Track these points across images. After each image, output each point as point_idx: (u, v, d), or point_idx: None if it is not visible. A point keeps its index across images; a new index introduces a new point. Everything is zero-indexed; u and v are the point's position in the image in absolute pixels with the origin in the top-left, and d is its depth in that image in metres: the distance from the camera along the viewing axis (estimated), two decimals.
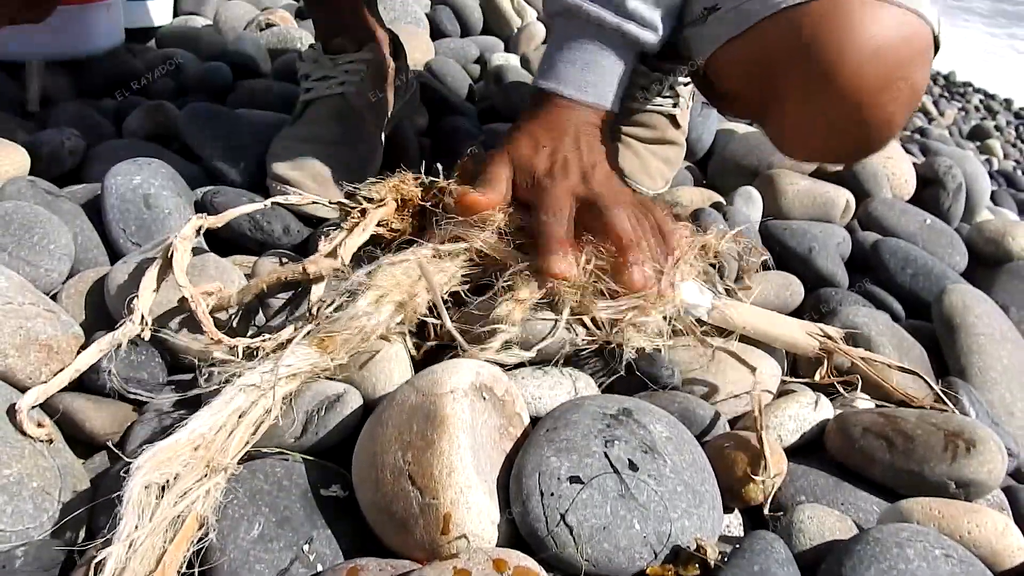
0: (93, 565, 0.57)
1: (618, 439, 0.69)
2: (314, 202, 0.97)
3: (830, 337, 0.85)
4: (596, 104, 0.93)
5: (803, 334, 0.85)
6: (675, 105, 1.24)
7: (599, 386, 0.85)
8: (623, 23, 0.90)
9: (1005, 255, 1.23)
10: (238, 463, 0.69)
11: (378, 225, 0.91)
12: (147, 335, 0.81)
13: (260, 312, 0.91)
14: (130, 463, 0.62)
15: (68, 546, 0.67)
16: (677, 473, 0.69)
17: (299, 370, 0.75)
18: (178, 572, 0.60)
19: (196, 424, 0.67)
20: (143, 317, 0.80)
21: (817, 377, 0.85)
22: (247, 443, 0.70)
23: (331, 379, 0.78)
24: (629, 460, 0.68)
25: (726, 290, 0.93)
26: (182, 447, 0.65)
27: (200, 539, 0.62)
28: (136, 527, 0.59)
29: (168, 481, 0.62)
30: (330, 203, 0.96)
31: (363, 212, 0.91)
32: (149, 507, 0.60)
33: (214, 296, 0.84)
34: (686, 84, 1.25)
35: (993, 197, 2.55)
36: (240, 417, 0.70)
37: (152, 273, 0.83)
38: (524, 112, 0.96)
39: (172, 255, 0.83)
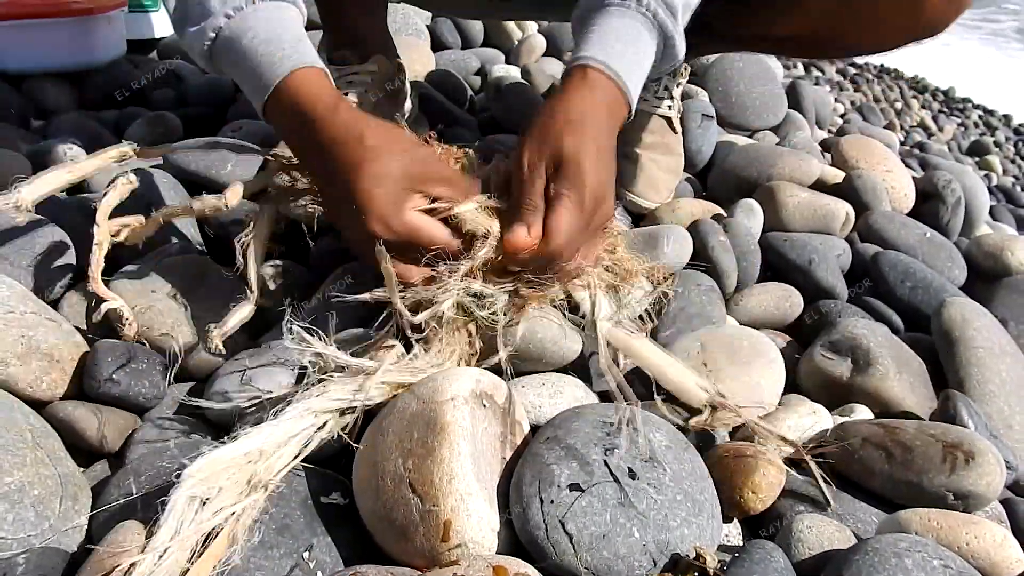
0: (120, 572, 0.57)
1: (618, 447, 0.70)
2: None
3: (721, 395, 0.82)
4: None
5: (695, 385, 0.83)
6: (670, 108, 1.26)
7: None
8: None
9: (1004, 269, 1.23)
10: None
11: None
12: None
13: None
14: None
15: (69, 554, 0.67)
16: (677, 482, 0.69)
17: (371, 400, 0.74)
18: None
19: (258, 439, 0.66)
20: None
21: (692, 421, 0.82)
22: (291, 463, 0.69)
23: None
24: (629, 468, 0.68)
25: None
26: (236, 460, 0.64)
27: (227, 560, 0.61)
28: (172, 537, 0.59)
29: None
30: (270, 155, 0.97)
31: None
32: (188, 519, 0.60)
33: (128, 227, 0.88)
34: (678, 86, 1.26)
35: (992, 212, 2.56)
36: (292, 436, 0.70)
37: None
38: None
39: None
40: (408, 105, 1.31)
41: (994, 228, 1.95)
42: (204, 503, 0.61)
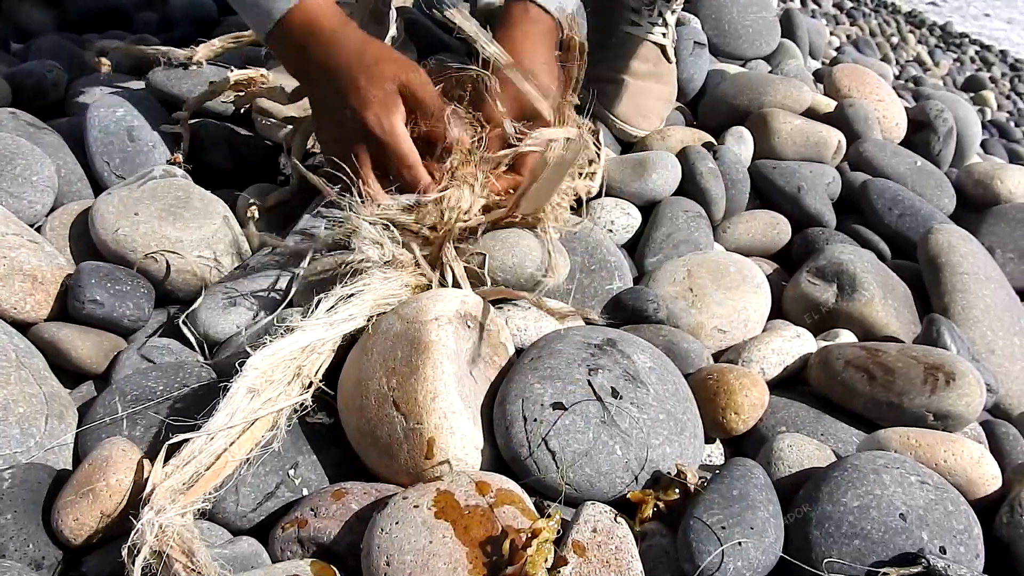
0: (166, 447, 0.60)
1: (602, 368, 0.70)
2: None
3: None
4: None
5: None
6: (664, 35, 1.23)
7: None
8: None
9: (993, 198, 1.22)
10: None
11: None
12: None
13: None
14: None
15: (56, 470, 0.67)
16: (660, 402, 0.70)
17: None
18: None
19: (314, 333, 0.69)
20: None
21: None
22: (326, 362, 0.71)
23: None
24: (612, 388, 0.69)
25: None
26: (293, 353, 0.67)
27: (267, 443, 0.64)
28: (225, 423, 0.61)
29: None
30: None
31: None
32: (243, 408, 0.62)
33: None
34: (672, 12, 1.24)
35: (985, 146, 2.54)
36: None
37: None
38: None
39: None
40: (393, 30, 1.29)
41: (985, 160, 1.94)
42: (256, 394, 0.64)
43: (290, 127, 1.02)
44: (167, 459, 0.59)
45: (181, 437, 0.60)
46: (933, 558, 0.59)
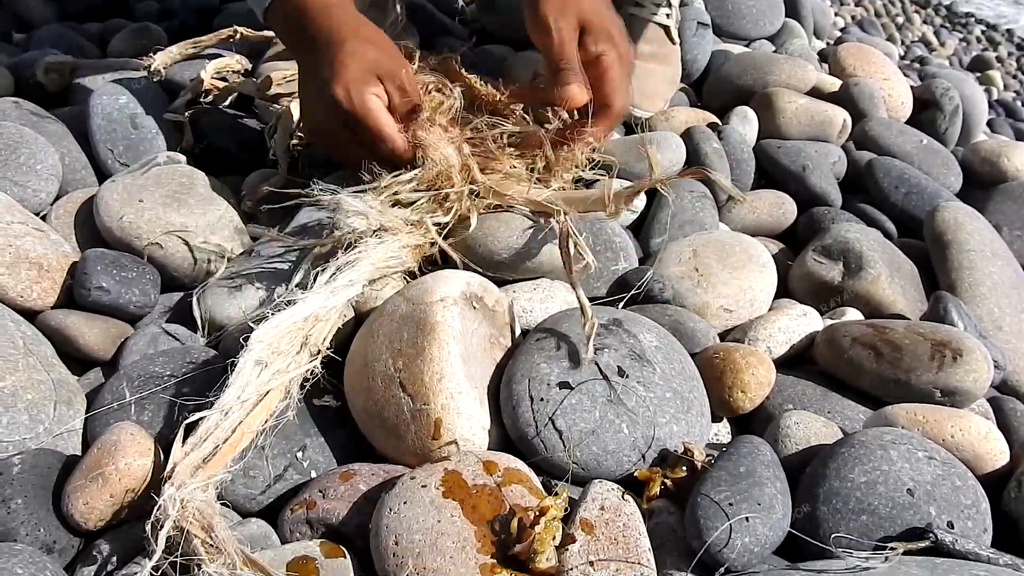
0: (184, 426, 0.60)
1: (608, 347, 0.70)
2: None
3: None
4: None
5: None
6: (668, 16, 1.23)
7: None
8: None
9: (1000, 175, 1.22)
10: None
11: None
12: None
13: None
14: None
15: (65, 455, 0.68)
16: (666, 380, 0.70)
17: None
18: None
19: (315, 302, 0.69)
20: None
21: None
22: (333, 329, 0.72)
23: None
24: (619, 367, 0.69)
25: None
26: (296, 324, 0.67)
27: (282, 412, 0.65)
28: (238, 397, 0.62)
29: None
30: None
31: None
32: (253, 381, 0.63)
33: None
34: None
35: (991, 126, 2.53)
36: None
37: None
38: None
39: None
40: (396, 13, 1.28)
41: (992, 138, 1.93)
42: (265, 366, 0.64)
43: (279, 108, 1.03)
44: (185, 438, 0.60)
45: (198, 415, 0.60)
46: (941, 533, 0.59)
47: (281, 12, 0.88)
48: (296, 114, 0.96)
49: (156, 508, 0.54)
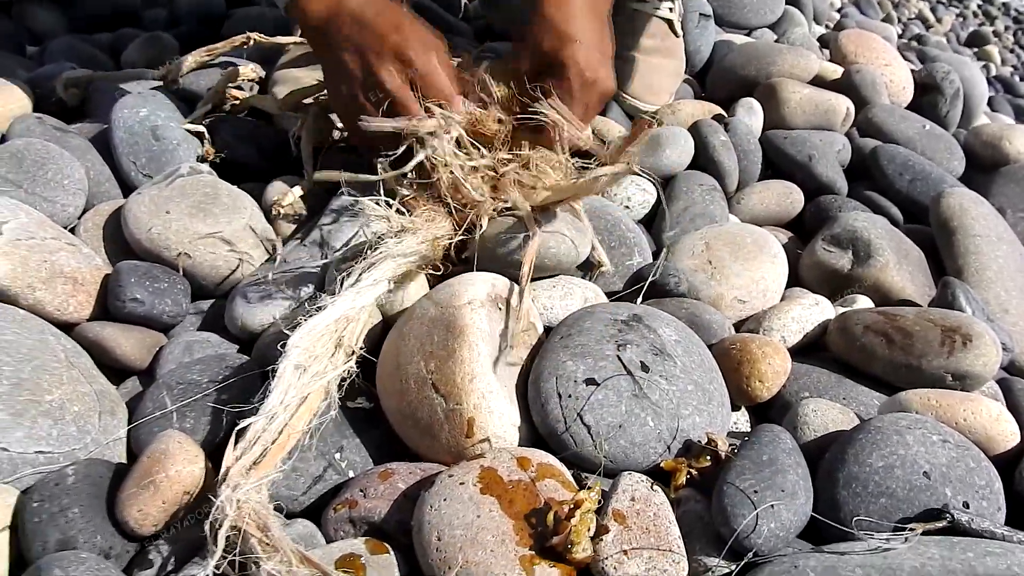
0: (235, 432, 0.63)
1: (630, 343, 0.73)
2: None
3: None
4: None
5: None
6: (671, 10, 1.25)
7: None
8: None
9: (1003, 158, 1.24)
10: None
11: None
12: None
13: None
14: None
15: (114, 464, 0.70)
16: (687, 373, 0.72)
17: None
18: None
19: (344, 304, 0.71)
20: None
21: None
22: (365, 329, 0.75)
23: None
24: (641, 362, 0.71)
25: None
26: (329, 327, 0.70)
27: (324, 412, 0.67)
28: (281, 401, 0.64)
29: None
30: None
31: None
32: (294, 384, 0.65)
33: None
34: None
35: (990, 103, 2.54)
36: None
37: None
38: None
39: None
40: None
41: (992, 119, 1.95)
42: (304, 370, 0.67)
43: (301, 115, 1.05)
44: (236, 443, 0.63)
45: (247, 421, 0.63)
46: (957, 513, 0.62)
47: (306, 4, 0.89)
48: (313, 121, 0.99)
49: (214, 509, 0.56)
